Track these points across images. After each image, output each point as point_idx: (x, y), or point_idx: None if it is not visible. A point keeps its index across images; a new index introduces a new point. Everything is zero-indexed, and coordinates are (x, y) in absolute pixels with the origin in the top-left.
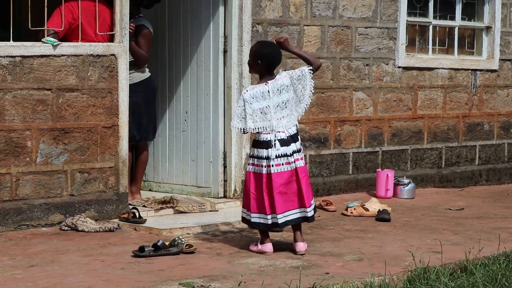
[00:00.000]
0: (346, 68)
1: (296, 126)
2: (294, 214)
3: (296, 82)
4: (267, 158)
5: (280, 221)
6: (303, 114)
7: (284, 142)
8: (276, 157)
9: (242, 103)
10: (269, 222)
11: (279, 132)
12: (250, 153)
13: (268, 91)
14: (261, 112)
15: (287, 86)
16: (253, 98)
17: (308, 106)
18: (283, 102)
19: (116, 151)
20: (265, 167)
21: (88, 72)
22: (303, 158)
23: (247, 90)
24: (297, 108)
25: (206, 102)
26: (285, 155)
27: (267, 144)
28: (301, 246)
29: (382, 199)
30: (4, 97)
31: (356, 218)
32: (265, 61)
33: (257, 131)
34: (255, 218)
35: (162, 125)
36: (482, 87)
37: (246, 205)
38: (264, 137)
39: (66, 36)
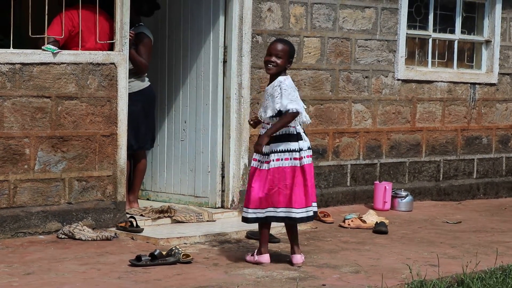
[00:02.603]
0: (345, 80)
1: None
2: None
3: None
4: (299, 150)
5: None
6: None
7: (305, 136)
8: (307, 149)
9: (292, 86)
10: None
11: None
12: (274, 149)
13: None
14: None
15: None
16: (291, 88)
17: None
18: None
19: (114, 159)
20: (298, 159)
21: (87, 80)
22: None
23: (284, 79)
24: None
25: (205, 112)
26: (309, 148)
27: (297, 137)
28: (298, 258)
29: (380, 211)
30: (3, 104)
31: (353, 230)
32: (292, 58)
33: (305, 119)
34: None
35: (161, 134)
36: (481, 101)
37: (289, 202)
38: (293, 130)
39: (66, 44)
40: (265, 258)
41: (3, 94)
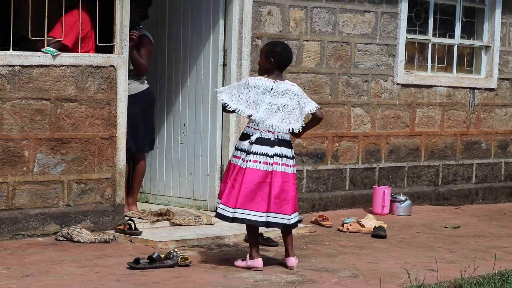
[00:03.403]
0: (345, 84)
1: (289, 133)
2: (255, 216)
3: (299, 101)
4: (247, 152)
5: (236, 215)
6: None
7: (269, 142)
8: (255, 153)
9: (244, 84)
10: (231, 215)
11: (268, 131)
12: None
13: (272, 88)
14: (253, 101)
15: (294, 94)
16: (254, 87)
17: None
18: (282, 104)
19: (113, 162)
20: (243, 160)
21: (87, 83)
22: (284, 164)
23: (253, 78)
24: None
25: (204, 115)
26: (266, 154)
27: (248, 138)
28: (292, 261)
29: (378, 215)
30: (2, 106)
31: (352, 234)
32: (276, 58)
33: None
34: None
35: (160, 137)
36: (480, 106)
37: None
38: (249, 131)
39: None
40: (259, 262)
41: (3, 96)
